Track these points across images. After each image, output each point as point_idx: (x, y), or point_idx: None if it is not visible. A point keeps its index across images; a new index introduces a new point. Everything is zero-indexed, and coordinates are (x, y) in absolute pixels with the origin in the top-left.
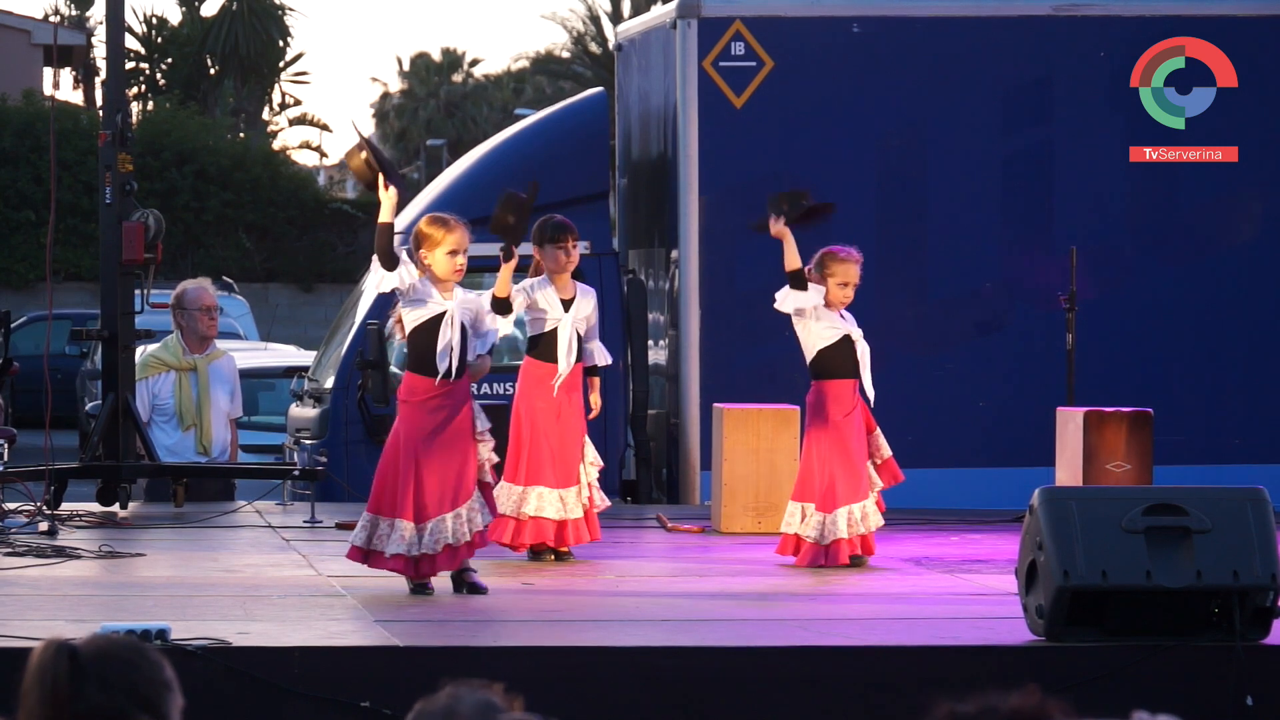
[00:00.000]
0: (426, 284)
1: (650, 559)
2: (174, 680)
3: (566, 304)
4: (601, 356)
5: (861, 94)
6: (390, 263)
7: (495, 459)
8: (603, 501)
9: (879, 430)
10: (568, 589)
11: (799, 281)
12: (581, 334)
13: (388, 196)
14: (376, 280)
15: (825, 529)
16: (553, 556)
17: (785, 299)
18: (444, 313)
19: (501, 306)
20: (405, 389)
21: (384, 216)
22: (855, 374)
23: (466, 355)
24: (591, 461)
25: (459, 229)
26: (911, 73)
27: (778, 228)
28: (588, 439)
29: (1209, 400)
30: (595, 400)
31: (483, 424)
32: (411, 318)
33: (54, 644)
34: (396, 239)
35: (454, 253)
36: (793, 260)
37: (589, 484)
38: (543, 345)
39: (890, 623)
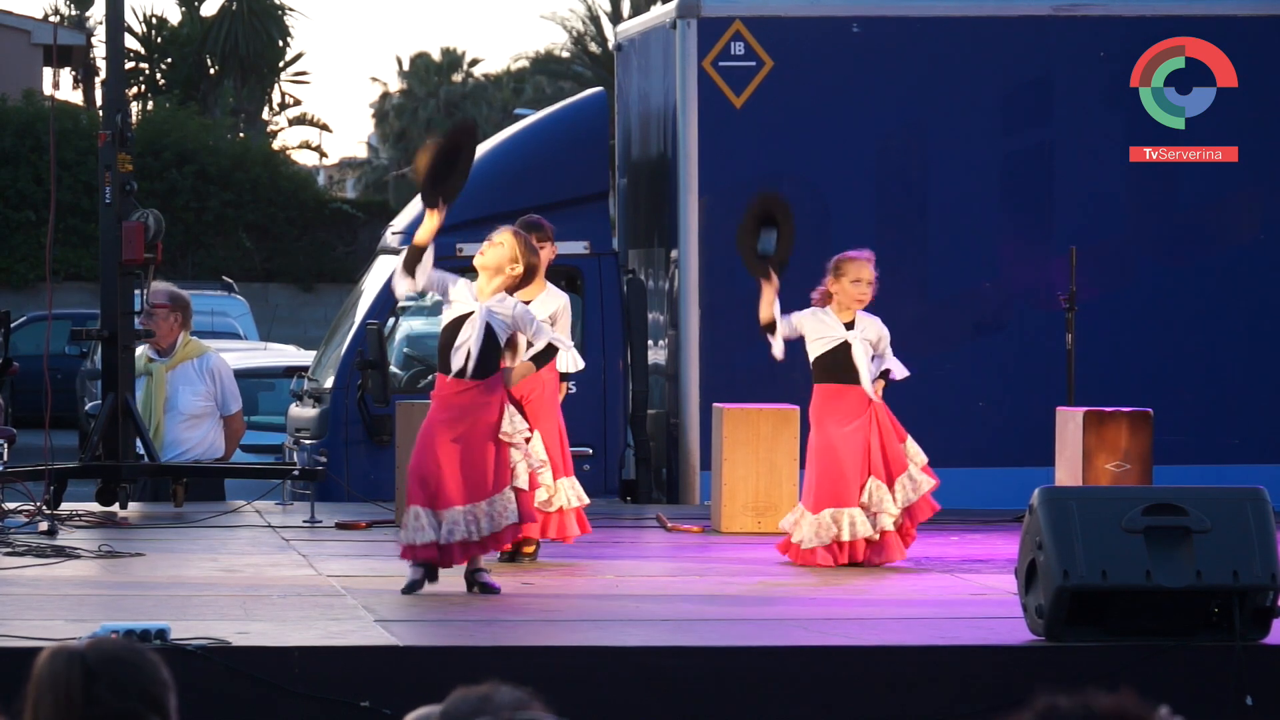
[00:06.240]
0: (463, 286)
1: (650, 559)
2: (171, 679)
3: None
4: (565, 363)
5: (861, 94)
6: (410, 272)
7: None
8: (551, 491)
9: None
10: (568, 589)
11: (770, 332)
12: None
13: (433, 219)
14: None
15: (798, 524)
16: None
17: (774, 346)
18: (469, 313)
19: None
20: (435, 386)
21: (420, 238)
22: (848, 379)
23: (493, 359)
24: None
25: (504, 234)
26: (911, 73)
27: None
28: (536, 436)
29: (1209, 400)
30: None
31: (512, 427)
32: (444, 316)
33: (63, 651)
34: (396, 238)
35: (489, 252)
36: (766, 313)
37: (530, 473)
38: None
39: (890, 623)
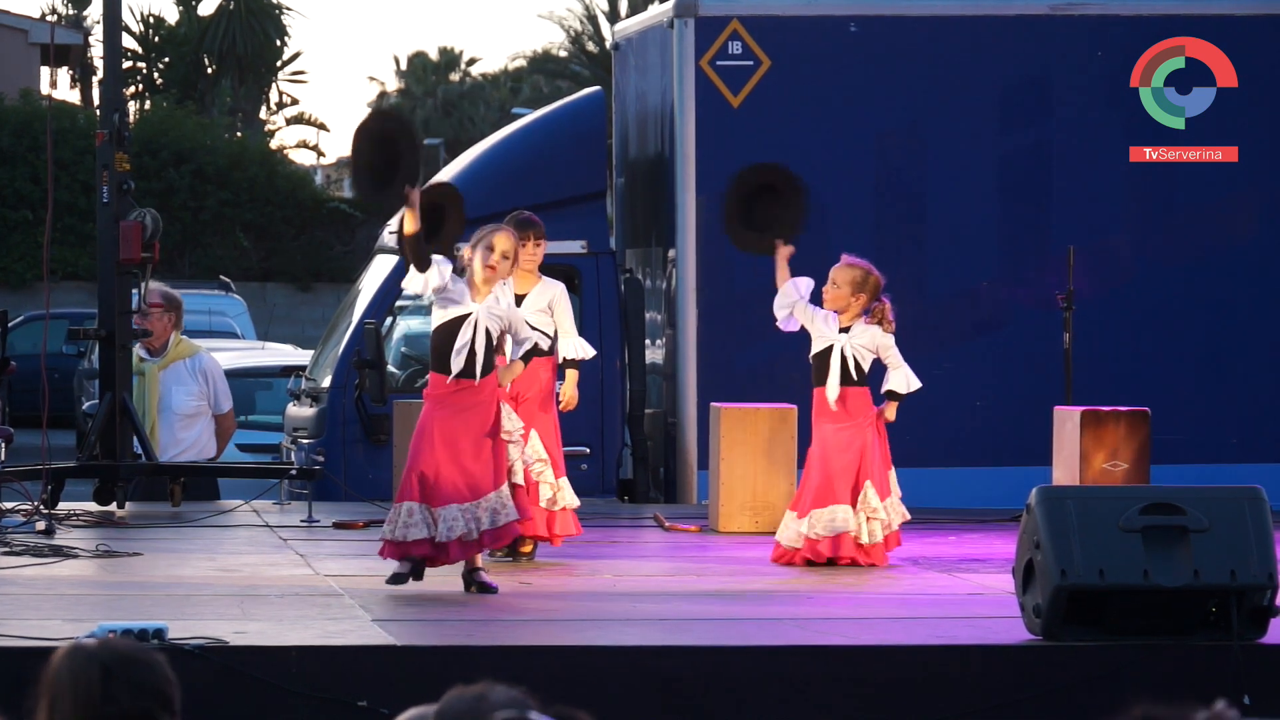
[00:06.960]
0: (460, 283)
1: (648, 558)
2: (175, 678)
3: (519, 299)
4: (573, 350)
5: (859, 93)
6: (422, 266)
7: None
8: (555, 490)
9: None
10: (565, 589)
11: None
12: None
13: (410, 204)
14: (409, 281)
15: (785, 527)
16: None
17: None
18: (468, 314)
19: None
20: (429, 385)
21: (409, 227)
22: (842, 382)
23: (491, 358)
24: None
25: (500, 233)
26: (909, 72)
27: (785, 250)
28: (534, 435)
29: (1206, 399)
30: (567, 391)
31: (511, 425)
32: (438, 315)
33: (80, 650)
34: (394, 238)
35: (501, 266)
36: (781, 277)
37: (525, 470)
38: None
39: (888, 623)
